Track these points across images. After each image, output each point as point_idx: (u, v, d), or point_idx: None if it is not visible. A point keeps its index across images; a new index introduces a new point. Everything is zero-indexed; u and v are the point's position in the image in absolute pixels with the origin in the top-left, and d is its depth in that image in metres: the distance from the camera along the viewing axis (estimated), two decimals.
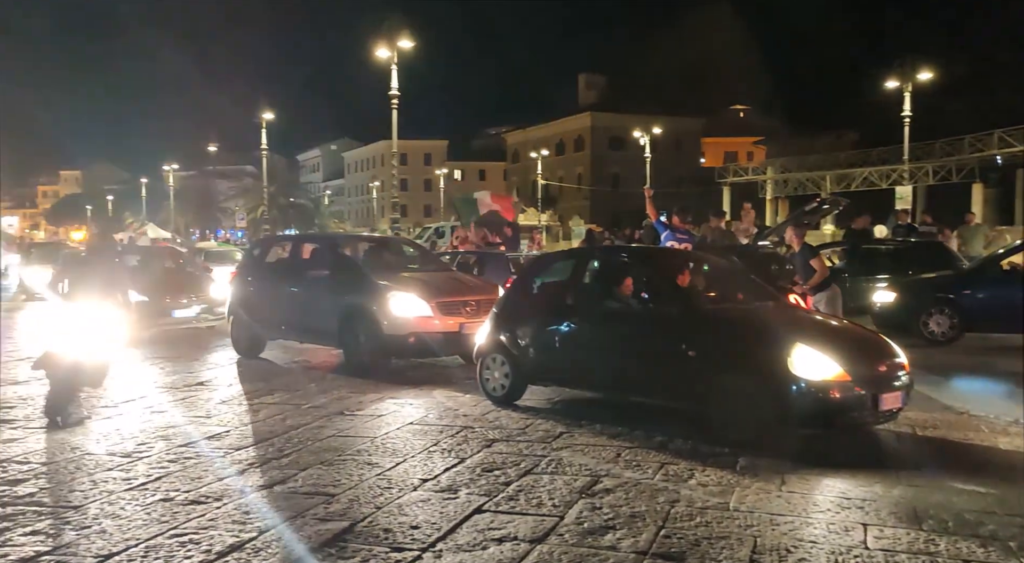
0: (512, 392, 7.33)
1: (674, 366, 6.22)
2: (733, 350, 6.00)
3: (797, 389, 5.54)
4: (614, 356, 6.75)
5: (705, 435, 5.89)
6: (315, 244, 11.66)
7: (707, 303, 6.94)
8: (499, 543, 3.97)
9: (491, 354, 7.49)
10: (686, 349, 6.15)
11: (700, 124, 74.49)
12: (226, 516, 4.36)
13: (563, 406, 7.31)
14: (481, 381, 7.55)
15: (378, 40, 22.59)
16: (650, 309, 6.72)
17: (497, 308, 7.82)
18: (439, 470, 5.23)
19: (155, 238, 43.64)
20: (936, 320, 10.83)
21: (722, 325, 6.37)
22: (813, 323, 6.74)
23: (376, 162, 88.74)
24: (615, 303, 6.97)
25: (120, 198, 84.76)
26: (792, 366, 5.56)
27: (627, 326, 6.75)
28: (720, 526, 4.17)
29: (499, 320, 7.58)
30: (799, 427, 5.65)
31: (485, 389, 7.50)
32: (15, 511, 4.45)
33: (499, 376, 7.39)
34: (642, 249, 9.69)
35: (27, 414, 7.10)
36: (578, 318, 7.05)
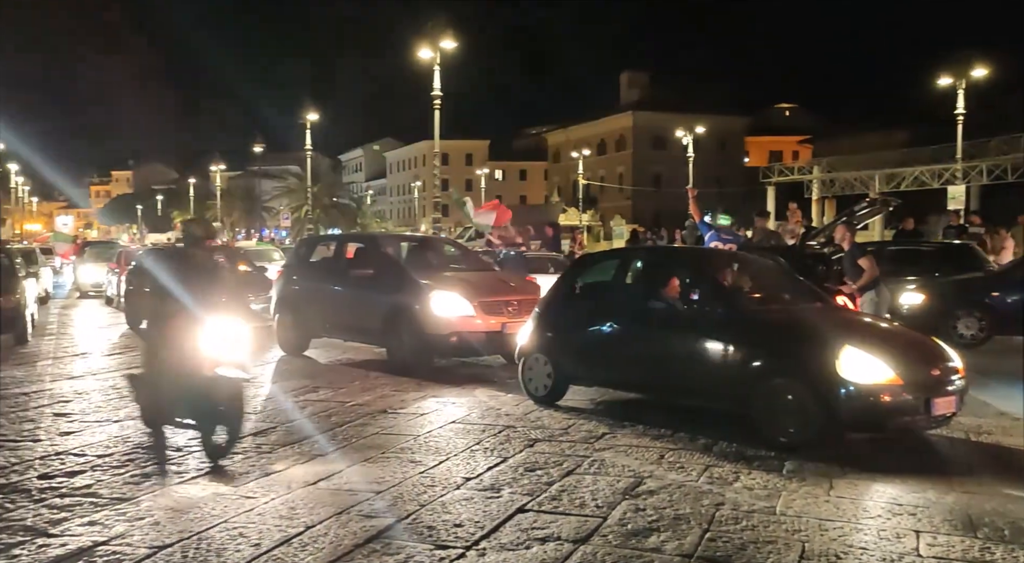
0: (554, 392, 7.31)
1: (719, 368, 6.14)
2: (779, 352, 5.91)
3: (846, 392, 5.42)
4: (658, 357, 6.68)
5: (750, 438, 5.81)
6: (359, 244, 11.77)
7: (753, 304, 6.84)
8: (542, 543, 3.96)
9: (533, 354, 7.47)
10: (731, 351, 6.07)
11: (744, 123, 73.54)
12: (273, 511, 4.43)
13: (605, 407, 7.27)
14: (523, 381, 7.54)
15: (421, 41, 22.75)
16: (694, 310, 6.63)
17: (539, 308, 7.81)
18: (481, 469, 5.25)
19: None
20: (965, 322, 10.72)
21: (768, 327, 6.27)
22: (863, 325, 6.61)
23: (418, 162, 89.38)
24: (659, 304, 6.90)
25: (168, 198, 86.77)
26: (840, 369, 5.45)
27: (671, 327, 6.65)
28: (767, 530, 4.11)
29: (541, 320, 7.57)
30: (848, 431, 5.54)
31: (527, 389, 7.49)
32: (73, 502, 4.58)
33: (541, 376, 7.36)
34: (687, 249, 9.57)
35: (83, 408, 7.31)
36: (621, 319, 6.99)
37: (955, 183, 33.74)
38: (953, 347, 6.34)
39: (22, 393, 8.07)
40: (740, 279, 7.16)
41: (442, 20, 21.91)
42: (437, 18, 21.94)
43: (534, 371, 7.43)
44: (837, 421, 5.47)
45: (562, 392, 7.35)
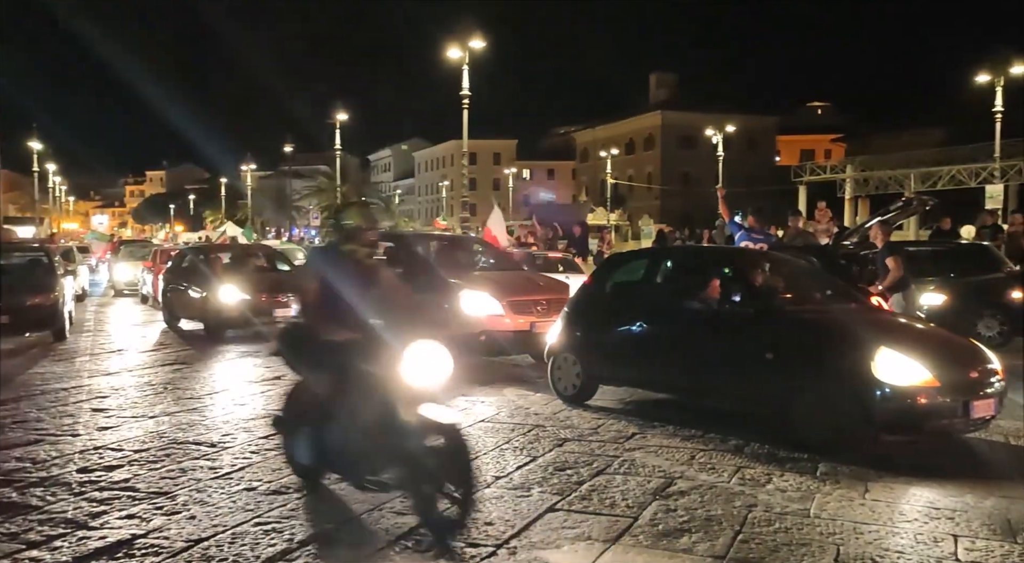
0: (583, 392, 7.29)
1: (752, 369, 6.07)
2: (813, 353, 5.82)
3: (881, 394, 5.34)
4: (689, 358, 6.61)
5: (782, 440, 5.75)
6: (387, 243, 11.84)
7: (786, 304, 6.74)
8: (573, 542, 3.96)
9: (562, 353, 7.46)
10: (764, 352, 5.99)
11: (775, 122, 72.74)
12: (306, 507, 4.48)
13: (635, 407, 7.25)
14: (552, 380, 7.53)
15: (449, 40, 22.84)
16: (727, 310, 6.53)
17: (569, 308, 7.80)
18: (511, 468, 5.26)
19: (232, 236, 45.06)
20: (986, 323, 10.59)
21: (802, 327, 6.18)
22: (898, 326, 6.50)
23: (446, 161, 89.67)
24: (689, 304, 6.84)
25: (200, 197, 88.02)
26: (876, 370, 5.37)
27: (702, 327, 6.60)
28: (801, 533, 4.07)
29: (571, 319, 7.56)
30: (884, 434, 5.44)
31: (556, 388, 7.48)
32: (111, 496, 4.68)
33: (570, 375, 7.35)
34: (717, 249, 9.47)
35: (119, 404, 7.45)
36: (651, 318, 6.95)
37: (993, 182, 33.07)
38: None
39: (61, 388, 8.24)
40: (773, 279, 7.06)
41: (471, 20, 21.94)
42: (466, 18, 21.98)
43: (563, 371, 7.43)
44: (872, 423, 5.39)
45: (591, 392, 7.33)
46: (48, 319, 11.93)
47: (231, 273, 13.26)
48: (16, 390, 8.12)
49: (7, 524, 4.19)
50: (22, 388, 8.24)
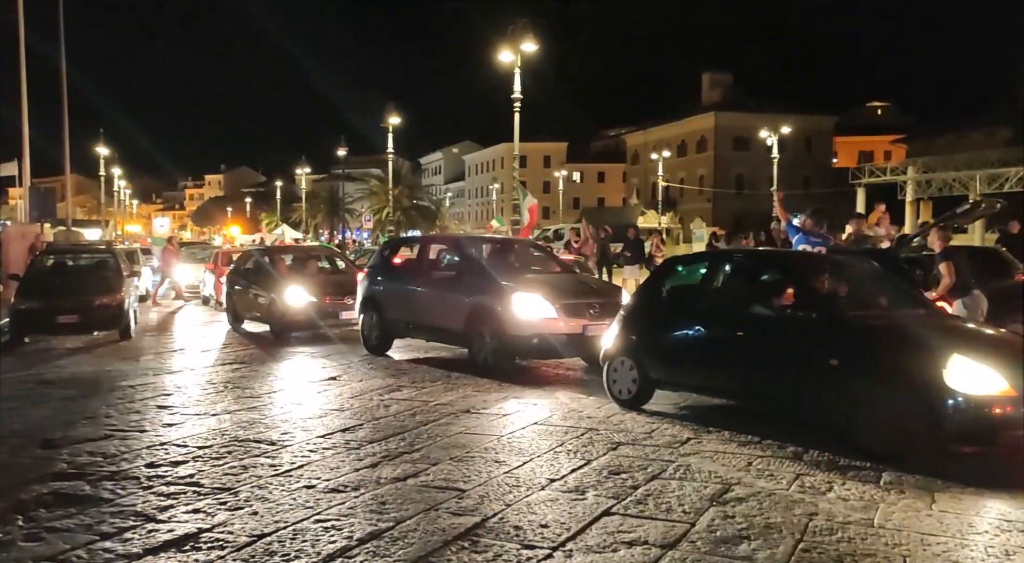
0: (639, 396, 7.24)
1: (815, 376, 5.92)
2: (882, 361, 5.64)
3: (953, 403, 5.15)
4: (749, 363, 6.46)
5: (842, 447, 5.62)
6: (441, 245, 11.94)
7: (852, 309, 6.55)
8: (629, 546, 3.94)
9: (618, 357, 7.40)
10: (829, 358, 5.83)
11: (832, 122, 71.20)
12: (364, 505, 4.55)
13: (689, 411, 7.17)
14: (608, 384, 7.48)
15: (501, 44, 22.90)
16: (789, 315, 6.37)
17: (625, 311, 7.75)
18: (566, 471, 5.26)
19: (296, 239, 46.05)
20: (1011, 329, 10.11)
21: (869, 333, 6.00)
22: (971, 332, 6.28)
23: (496, 164, 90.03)
24: (750, 308, 6.68)
25: (256, 200, 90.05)
26: (948, 378, 5.19)
27: (764, 332, 6.45)
28: (864, 543, 3.97)
29: (627, 323, 7.50)
30: (955, 444, 5.25)
31: (612, 392, 7.45)
32: (178, 490, 4.82)
33: (626, 379, 7.30)
34: (779, 253, 9.23)
35: (183, 401, 7.68)
36: (710, 323, 6.83)
37: None
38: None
39: (128, 386, 8.53)
40: (837, 284, 6.88)
41: (523, 23, 21.96)
42: (518, 21, 22.02)
43: (619, 374, 7.38)
44: (943, 433, 5.20)
45: (647, 396, 7.27)
46: (115, 318, 12.36)
47: (296, 275, 13.47)
48: (85, 387, 8.44)
49: (81, 516, 4.36)
50: (91, 385, 8.56)
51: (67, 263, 14.55)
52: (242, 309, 14.17)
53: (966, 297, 8.28)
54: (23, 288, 12.35)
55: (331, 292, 12.69)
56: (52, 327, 12.11)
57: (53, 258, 14.40)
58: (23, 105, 19.98)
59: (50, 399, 7.78)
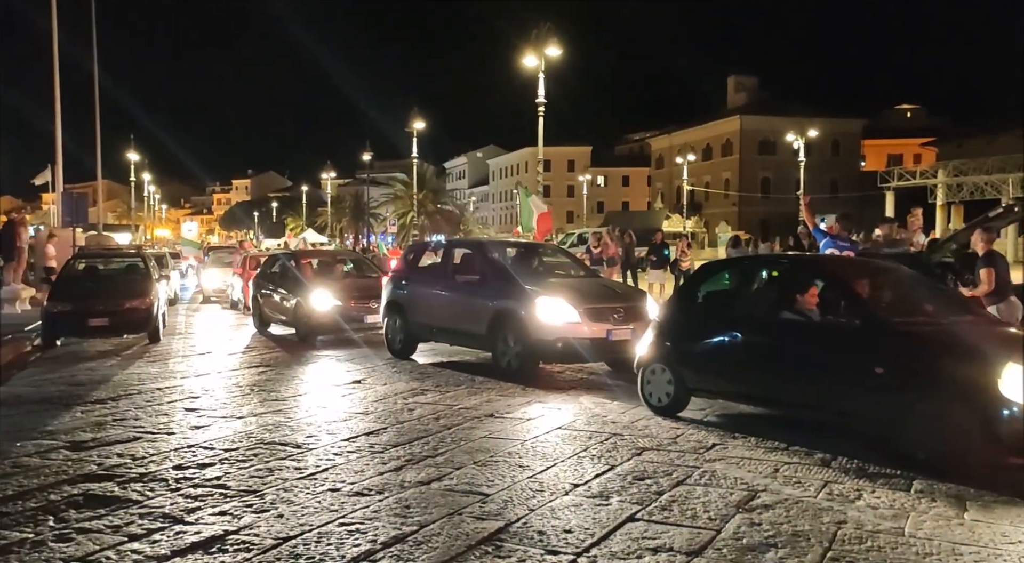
0: (675, 403, 7.10)
1: (859, 385, 5.69)
2: (932, 370, 5.42)
3: (1009, 414, 4.95)
4: (788, 372, 6.29)
5: (873, 454, 5.53)
6: (465, 249, 11.96)
7: (898, 316, 6.21)
8: (654, 553, 3.91)
9: (653, 364, 7.27)
10: (874, 366, 5.61)
11: (860, 125, 70.35)
12: (388, 509, 4.56)
13: (714, 417, 7.10)
14: (642, 391, 7.34)
15: (526, 48, 22.93)
16: (830, 321, 6.18)
17: (660, 317, 7.64)
18: (589, 476, 5.23)
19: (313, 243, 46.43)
20: None
21: (917, 341, 5.73)
22: None
23: (520, 169, 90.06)
24: (789, 314, 6.47)
25: (282, 204, 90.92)
26: (1003, 388, 4.99)
27: (804, 339, 6.28)
28: (895, 552, 3.91)
29: (662, 329, 7.38)
30: (1011, 456, 5.01)
31: (647, 400, 7.29)
32: (205, 492, 4.87)
33: (661, 386, 7.18)
34: (820, 257, 8.94)
35: (210, 404, 7.76)
36: (748, 329, 6.65)
37: None
38: None
39: (156, 388, 8.64)
40: (880, 289, 6.65)
41: (547, 27, 21.98)
42: (542, 25, 22.04)
43: (654, 382, 7.25)
44: (997, 444, 4.99)
45: (683, 403, 7.13)
46: (144, 322, 12.54)
47: (322, 279, 13.57)
48: (115, 389, 8.56)
49: (110, 517, 4.42)
50: (120, 387, 8.68)
51: (98, 267, 14.78)
52: (268, 312, 14.30)
53: (1002, 303, 8.09)
54: (55, 291, 12.57)
55: (356, 296, 12.76)
56: (83, 329, 12.31)
57: (85, 262, 14.63)
58: (56, 113, 20.39)
59: (80, 401, 7.90)
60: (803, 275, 6.90)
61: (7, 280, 17.40)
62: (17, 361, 10.91)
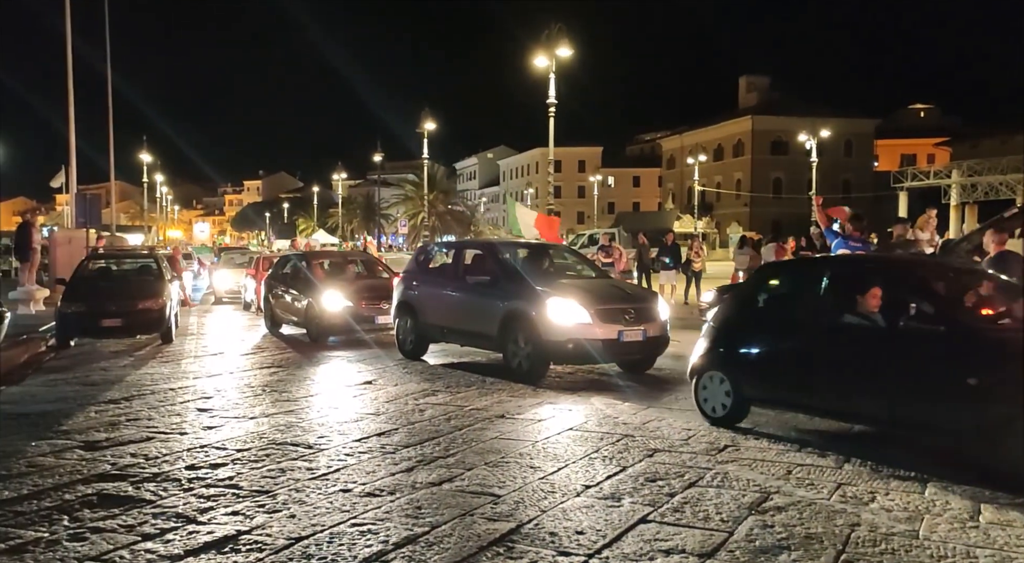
0: (733, 413, 6.71)
1: (948, 396, 5.31)
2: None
3: None
4: (860, 381, 5.85)
5: (886, 457, 5.49)
6: (476, 250, 11.95)
7: (986, 321, 5.81)
8: (667, 555, 3.90)
9: (709, 371, 6.87)
10: (966, 376, 5.19)
11: (873, 125, 69.98)
12: (400, 510, 4.56)
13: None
14: (698, 401, 6.98)
15: (537, 48, 22.93)
16: (911, 327, 5.66)
17: (716, 322, 7.18)
18: (601, 477, 5.22)
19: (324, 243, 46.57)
20: None
21: (1014, 348, 5.19)
22: None
23: (531, 169, 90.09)
24: (860, 319, 5.97)
25: (294, 205, 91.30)
26: None
27: (878, 346, 5.80)
28: (909, 555, 3.88)
29: (718, 335, 6.99)
30: None
31: (702, 410, 6.93)
32: (217, 492, 4.89)
33: (718, 395, 6.78)
34: (898, 259, 8.18)
35: (222, 404, 7.79)
36: (812, 335, 6.23)
37: None
38: None
39: (169, 388, 8.69)
40: (962, 291, 6.22)
41: (558, 28, 21.97)
42: (553, 26, 22.03)
43: (710, 390, 6.85)
44: None
45: (742, 413, 6.74)
46: (156, 323, 12.60)
47: (333, 279, 13.61)
48: (128, 390, 8.61)
49: (124, 516, 4.45)
50: (133, 388, 8.73)
51: (111, 268, 14.88)
52: (280, 313, 14.34)
53: None
54: (69, 292, 12.65)
55: (367, 296, 12.79)
56: (96, 330, 12.39)
57: (98, 263, 14.72)
58: (70, 115, 20.52)
59: (94, 401, 7.95)
60: (873, 277, 6.29)
61: (22, 281, 17.55)
62: (32, 361, 11.00)
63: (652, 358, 9.62)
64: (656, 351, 9.53)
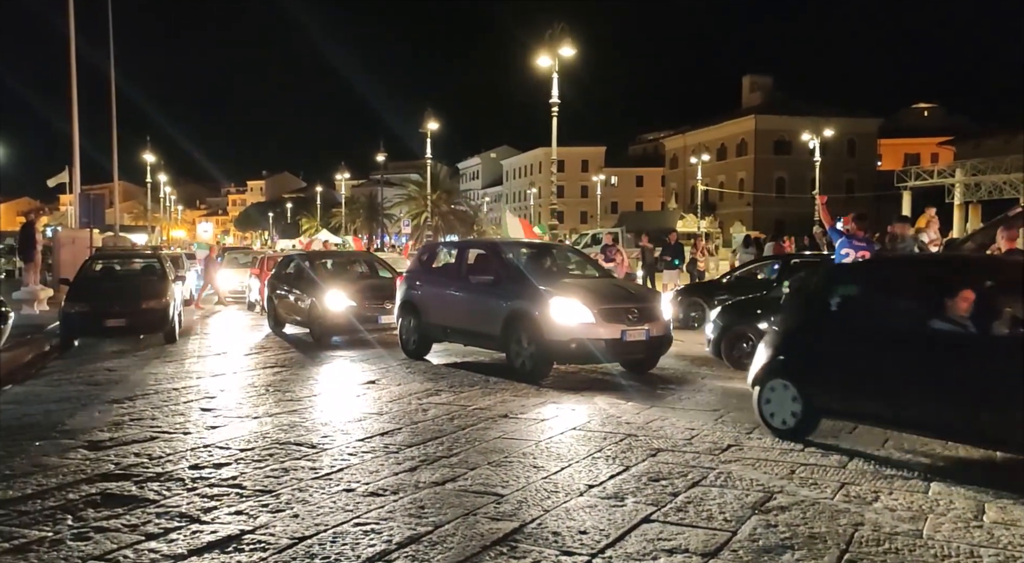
0: (803, 426, 6.16)
1: None
2: None
3: None
4: (957, 395, 5.25)
5: (888, 457, 5.48)
6: (479, 250, 11.95)
7: None
8: (670, 554, 3.89)
9: (775, 380, 6.30)
10: None
11: (876, 125, 69.83)
12: (403, 509, 4.57)
13: (730, 418, 7.06)
14: (761, 412, 6.41)
15: (539, 48, 22.92)
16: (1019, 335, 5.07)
17: (781, 325, 6.63)
18: (604, 477, 5.22)
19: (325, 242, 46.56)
20: None
21: None
22: None
23: (534, 169, 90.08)
24: (952, 325, 5.40)
25: (297, 205, 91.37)
26: None
27: (983, 355, 5.25)
28: (912, 554, 3.87)
29: (785, 340, 6.44)
30: None
31: (767, 421, 6.37)
32: (221, 492, 4.90)
33: (785, 406, 6.20)
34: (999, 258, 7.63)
35: (226, 404, 7.80)
36: (897, 342, 5.64)
37: None
38: None
39: (173, 388, 8.70)
40: None
41: (561, 27, 21.96)
42: (556, 26, 22.02)
43: (776, 401, 6.27)
44: None
45: (812, 426, 6.19)
46: (160, 322, 12.63)
47: (336, 279, 13.62)
48: (132, 389, 8.62)
49: (128, 516, 4.46)
50: (137, 387, 8.75)
51: (115, 268, 14.90)
52: (283, 313, 14.35)
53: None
54: (73, 292, 12.68)
55: (370, 296, 12.80)
56: (100, 330, 12.41)
57: (101, 263, 14.75)
58: (73, 115, 20.55)
59: (98, 400, 7.96)
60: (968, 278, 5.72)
61: (26, 281, 17.59)
62: (36, 361, 11.02)
63: (655, 358, 9.62)
64: (659, 351, 9.53)
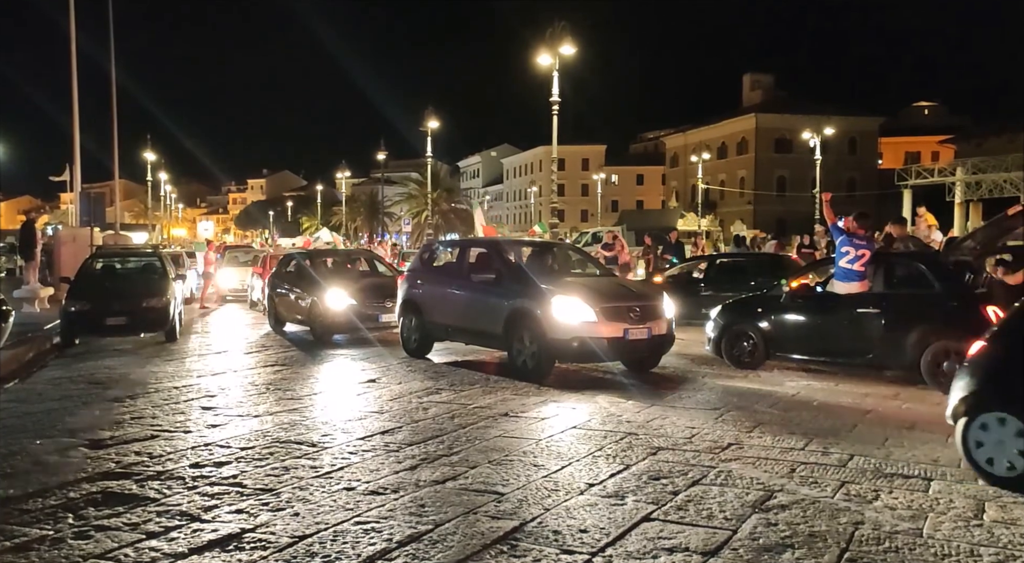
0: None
1: None
2: None
3: None
4: None
5: (889, 455, 5.48)
6: (481, 249, 11.95)
7: None
8: (670, 553, 3.89)
9: (991, 414, 5.02)
10: None
11: (877, 123, 69.77)
12: (403, 508, 4.57)
13: (730, 417, 7.06)
14: (968, 450, 5.09)
15: (540, 47, 22.90)
16: None
17: (991, 342, 5.36)
18: (604, 475, 5.22)
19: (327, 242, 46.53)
20: None
21: None
22: None
23: (534, 168, 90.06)
24: None
25: (297, 204, 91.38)
26: None
27: None
28: (913, 553, 3.87)
29: (1002, 363, 5.18)
30: None
31: (977, 464, 5.04)
32: (221, 490, 4.90)
33: (1009, 446, 4.91)
34: None
35: (226, 403, 7.80)
36: None
37: None
38: None
39: (173, 387, 8.71)
40: None
41: (562, 26, 21.95)
42: (556, 24, 22.01)
43: (993, 439, 4.97)
44: None
45: None
46: (161, 320, 12.63)
47: (337, 278, 13.62)
48: (132, 388, 8.63)
49: (128, 515, 4.46)
50: (138, 386, 8.75)
51: (116, 266, 14.90)
52: (283, 311, 14.35)
53: None
54: (73, 290, 12.68)
55: (371, 295, 12.80)
56: (101, 328, 12.41)
57: (102, 261, 14.75)
58: (74, 113, 20.55)
59: (99, 399, 7.97)
60: None
61: (27, 279, 17.60)
62: (36, 359, 11.03)
63: (657, 356, 9.62)
64: (661, 349, 9.53)
